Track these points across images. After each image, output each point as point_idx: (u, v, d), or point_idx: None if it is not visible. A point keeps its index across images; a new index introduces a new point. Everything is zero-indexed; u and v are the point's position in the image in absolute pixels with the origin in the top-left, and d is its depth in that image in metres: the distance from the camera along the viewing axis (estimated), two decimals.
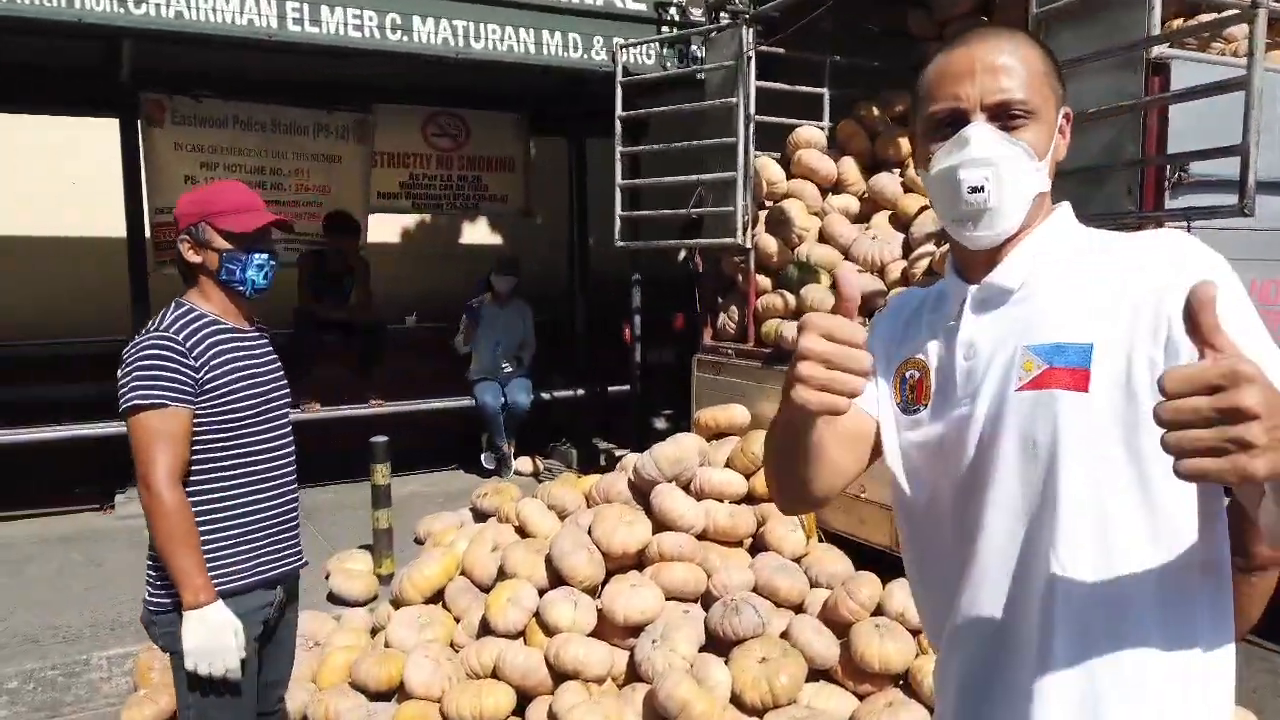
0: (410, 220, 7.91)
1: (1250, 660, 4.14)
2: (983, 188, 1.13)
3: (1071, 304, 1.13)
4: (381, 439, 4.68)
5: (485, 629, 3.78)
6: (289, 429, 2.50)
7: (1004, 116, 1.14)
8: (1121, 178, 2.93)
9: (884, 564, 3.77)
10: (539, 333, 7.35)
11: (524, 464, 7.00)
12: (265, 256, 2.35)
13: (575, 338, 7.57)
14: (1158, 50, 2.87)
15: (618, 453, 7.15)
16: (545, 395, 7.14)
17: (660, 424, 7.65)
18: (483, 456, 6.91)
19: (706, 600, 3.86)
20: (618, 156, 5.27)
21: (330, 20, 4.60)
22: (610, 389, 7.43)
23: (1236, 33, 3.61)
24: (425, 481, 6.84)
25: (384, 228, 7.49)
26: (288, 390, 2.52)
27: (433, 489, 6.61)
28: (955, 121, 1.16)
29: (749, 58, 4.70)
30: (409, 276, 7.77)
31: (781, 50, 5.15)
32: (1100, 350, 1.08)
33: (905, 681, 3.52)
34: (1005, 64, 1.14)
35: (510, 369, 6.76)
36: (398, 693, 3.60)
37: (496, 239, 8.57)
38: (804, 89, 5.39)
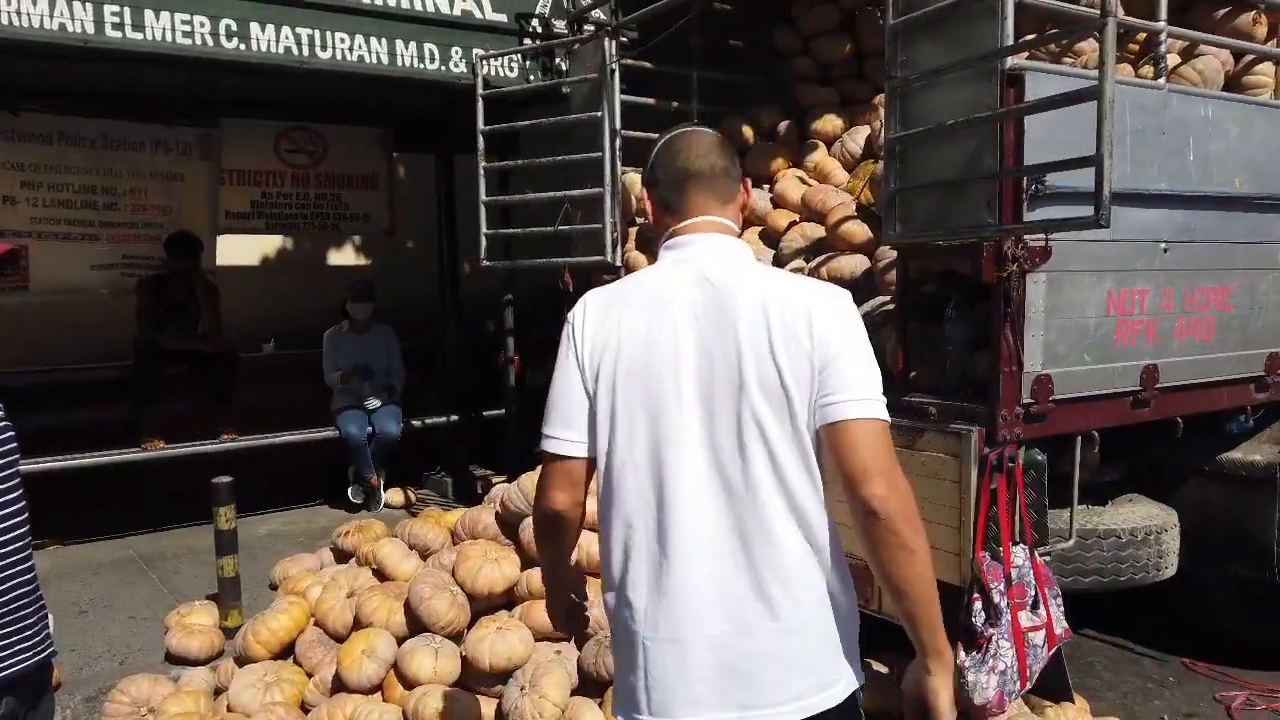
0: (266, 242, 7.45)
1: (1122, 665, 4.21)
2: None
3: None
4: (224, 479, 4.29)
5: (339, 685, 3.47)
6: (13, 494, 1.98)
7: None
8: (980, 191, 2.90)
9: None
10: (411, 357, 7.03)
11: (395, 496, 6.64)
12: None
13: (449, 360, 7.26)
14: (1012, 61, 2.85)
15: (495, 480, 6.88)
16: (417, 423, 6.81)
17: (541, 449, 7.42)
18: (350, 490, 6.53)
19: (580, 639, 3.64)
20: (481, 172, 5.04)
21: (155, 26, 4.21)
22: (486, 413, 7.15)
23: (1086, 48, 3.66)
24: (287, 519, 6.41)
25: (237, 250, 7.02)
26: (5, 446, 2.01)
27: (293, 528, 6.19)
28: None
29: (613, 70, 4.56)
30: (266, 301, 7.31)
31: (648, 65, 5.03)
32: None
33: None
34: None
35: (379, 403, 6.39)
36: None
37: (363, 260, 8.18)
38: (672, 104, 5.28)
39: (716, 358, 1.61)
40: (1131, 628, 4.41)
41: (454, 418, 7.01)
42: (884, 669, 3.46)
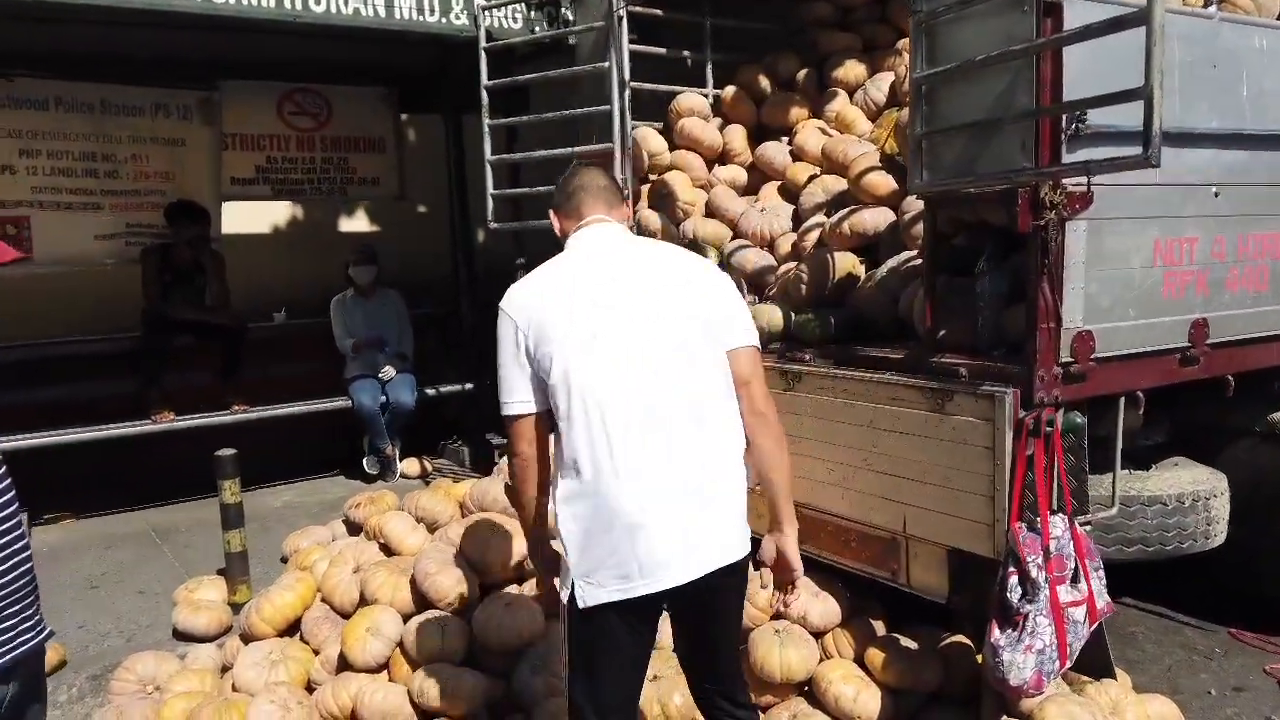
0: (273, 208, 7.27)
1: (1165, 636, 4.01)
2: None
3: None
4: (228, 452, 4.18)
5: (345, 664, 3.35)
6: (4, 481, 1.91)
7: None
8: (1015, 131, 2.66)
9: None
10: (424, 325, 6.87)
11: (411, 466, 6.52)
12: None
13: (463, 327, 7.10)
14: None
15: None
16: (431, 392, 6.67)
17: None
18: (365, 461, 6.42)
19: None
20: (485, 130, 4.83)
21: None
22: None
23: None
24: (302, 491, 6.31)
25: (244, 217, 6.86)
26: None
27: (309, 499, 6.09)
28: None
29: (620, 18, 4.31)
30: (275, 269, 7.16)
31: (658, 12, 4.78)
32: None
33: (809, 690, 3.25)
34: None
35: (393, 372, 6.26)
36: None
37: (373, 225, 8.01)
38: (684, 54, 5.03)
39: (637, 308, 2.16)
40: (1174, 596, 4.20)
41: (469, 386, 6.86)
42: (913, 644, 3.29)
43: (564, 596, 2.16)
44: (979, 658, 3.28)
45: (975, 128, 2.74)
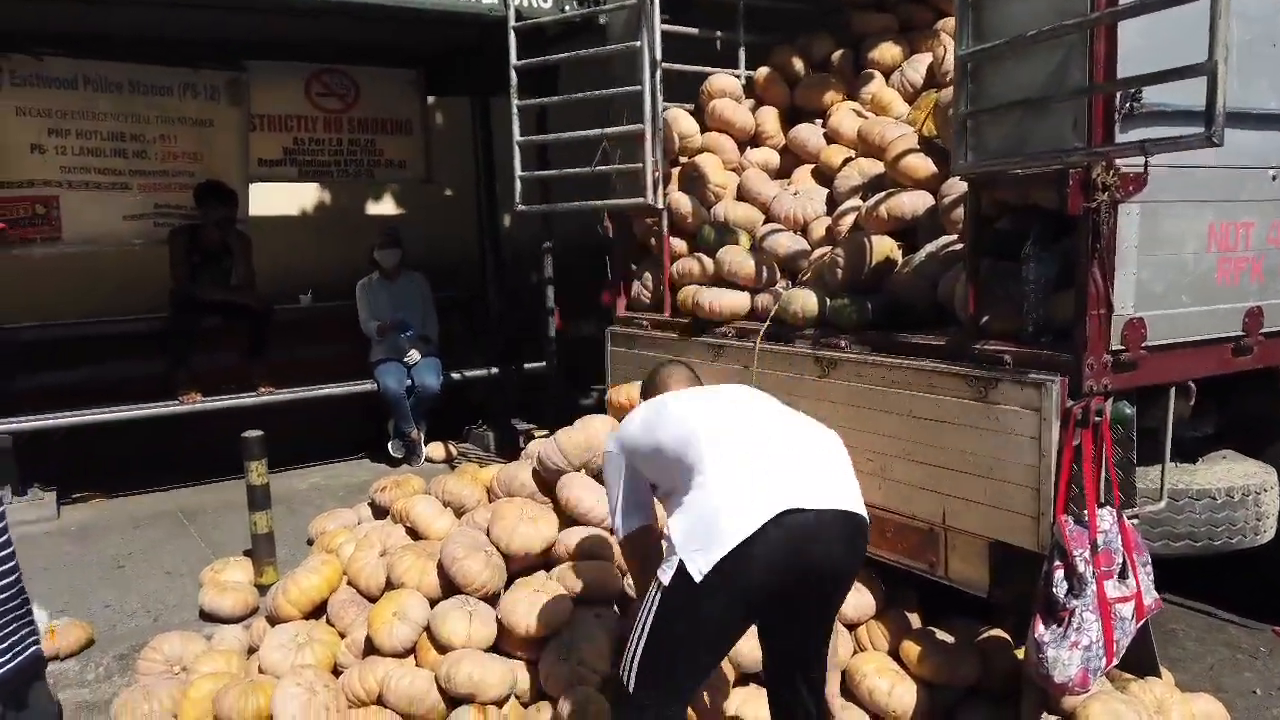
0: (300, 190, 7.24)
1: (1208, 634, 3.90)
2: None
3: None
4: (255, 433, 4.15)
5: (371, 648, 3.32)
6: None
7: None
8: (1067, 110, 2.56)
9: None
10: (452, 308, 6.83)
11: (436, 450, 6.49)
12: None
13: (490, 312, 7.06)
14: None
15: (537, 434, 6.70)
16: (457, 375, 6.63)
17: (588, 401, 7.21)
18: (390, 445, 6.40)
19: (621, 601, 3.45)
20: (514, 111, 4.76)
21: None
22: (528, 366, 6.95)
23: None
24: (327, 473, 6.30)
25: (270, 199, 6.84)
26: None
27: (334, 482, 6.08)
28: None
29: None
30: (302, 252, 7.13)
31: None
32: None
33: (842, 683, 3.18)
34: None
35: (418, 355, 6.23)
36: None
37: (400, 209, 7.97)
38: (717, 34, 4.94)
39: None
40: (1217, 593, 4.09)
41: (494, 370, 6.82)
42: (949, 638, 3.22)
43: None
44: (1018, 652, 3.20)
45: (1024, 106, 2.65)
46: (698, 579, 2.07)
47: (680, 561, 2.10)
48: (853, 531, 2.21)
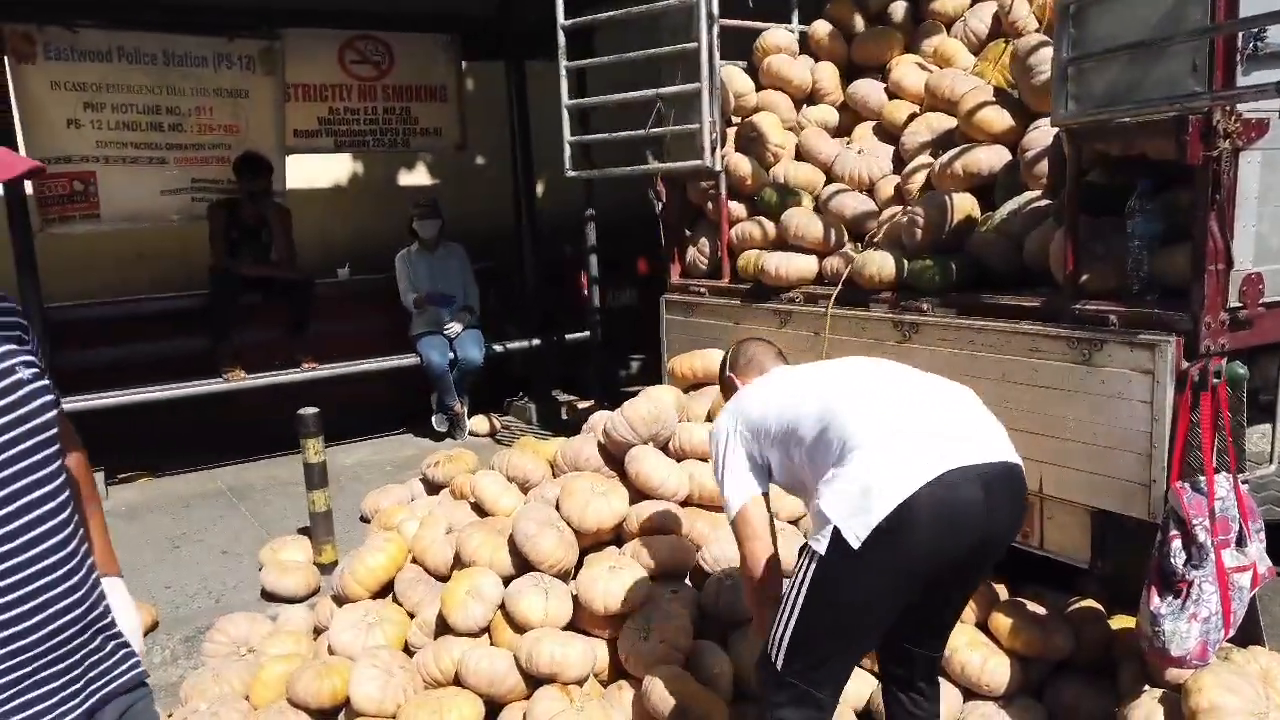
0: (335, 161, 7.12)
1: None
2: None
3: None
4: (311, 410, 4.07)
5: (444, 627, 3.25)
6: (51, 488, 1.39)
7: None
8: (1185, 52, 2.40)
9: None
10: (487, 279, 6.73)
11: (479, 424, 6.43)
12: None
13: (526, 283, 6.94)
14: None
15: (580, 405, 6.62)
16: (498, 348, 6.55)
17: (627, 372, 7.13)
18: (433, 419, 6.33)
19: (697, 576, 3.37)
20: (563, 73, 4.60)
21: None
22: (568, 337, 6.85)
23: None
24: (372, 449, 6.25)
25: (307, 171, 6.73)
26: (42, 421, 1.39)
27: (379, 457, 6.03)
28: None
29: None
30: (339, 224, 7.05)
31: None
32: None
33: None
34: None
35: (460, 328, 6.14)
36: (344, 709, 3.06)
37: (434, 179, 7.85)
38: None
39: None
40: None
41: (535, 342, 6.73)
42: (1041, 609, 3.11)
43: None
44: (1111, 623, 3.10)
45: (1137, 50, 2.49)
46: (856, 545, 1.95)
47: (835, 529, 1.98)
48: (1017, 486, 2.10)
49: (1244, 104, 2.39)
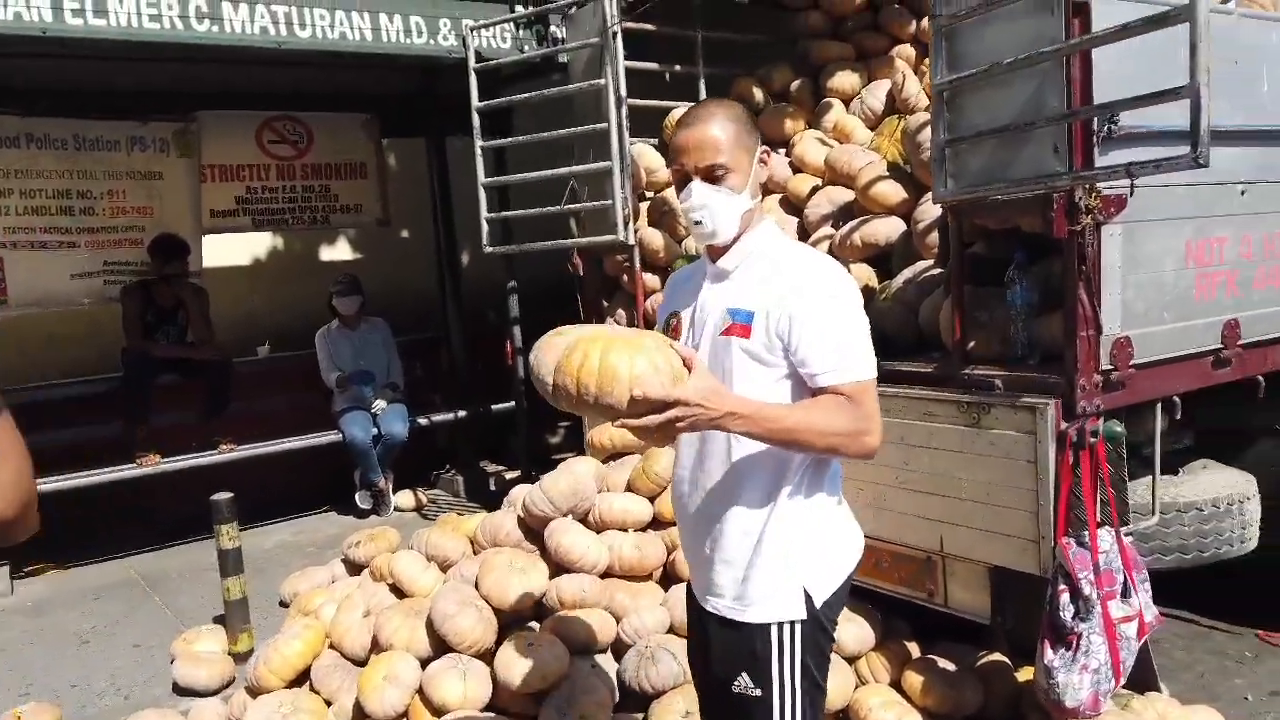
0: (254, 240, 7.09)
1: (1193, 641, 3.93)
2: (701, 220, 1.83)
3: (751, 286, 1.84)
4: (224, 495, 4.01)
5: (361, 715, 3.19)
6: None
7: (710, 175, 1.80)
8: (1046, 135, 2.59)
9: None
10: (413, 352, 6.72)
11: (405, 499, 6.36)
12: None
13: (452, 355, 6.95)
14: None
15: (508, 475, 6.60)
16: (423, 420, 6.51)
17: (555, 440, 7.13)
18: (357, 496, 6.24)
19: (618, 648, 3.38)
20: (478, 152, 4.72)
21: (119, 11, 3.87)
22: (494, 407, 6.85)
23: None
24: (294, 529, 6.12)
25: (224, 250, 6.68)
26: None
27: (300, 538, 5.91)
28: (684, 181, 1.85)
29: (614, 33, 4.22)
30: (259, 302, 6.99)
31: (650, 27, 4.70)
32: (758, 315, 1.80)
33: (846, 718, 3.13)
34: (708, 138, 1.81)
35: (384, 404, 6.10)
36: None
37: (357, 254, 7.85)
38: (676, 68, 4.96)
39: None
40: (1194, 600, 4.12)
41: (461, 414, 6.71)
42: (951, 665, 3.19)
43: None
44: (1018, 675, 3.19)
45: (1005, 133, 2.67)
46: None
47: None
48: None
49: (1105, 182, 2.58)
